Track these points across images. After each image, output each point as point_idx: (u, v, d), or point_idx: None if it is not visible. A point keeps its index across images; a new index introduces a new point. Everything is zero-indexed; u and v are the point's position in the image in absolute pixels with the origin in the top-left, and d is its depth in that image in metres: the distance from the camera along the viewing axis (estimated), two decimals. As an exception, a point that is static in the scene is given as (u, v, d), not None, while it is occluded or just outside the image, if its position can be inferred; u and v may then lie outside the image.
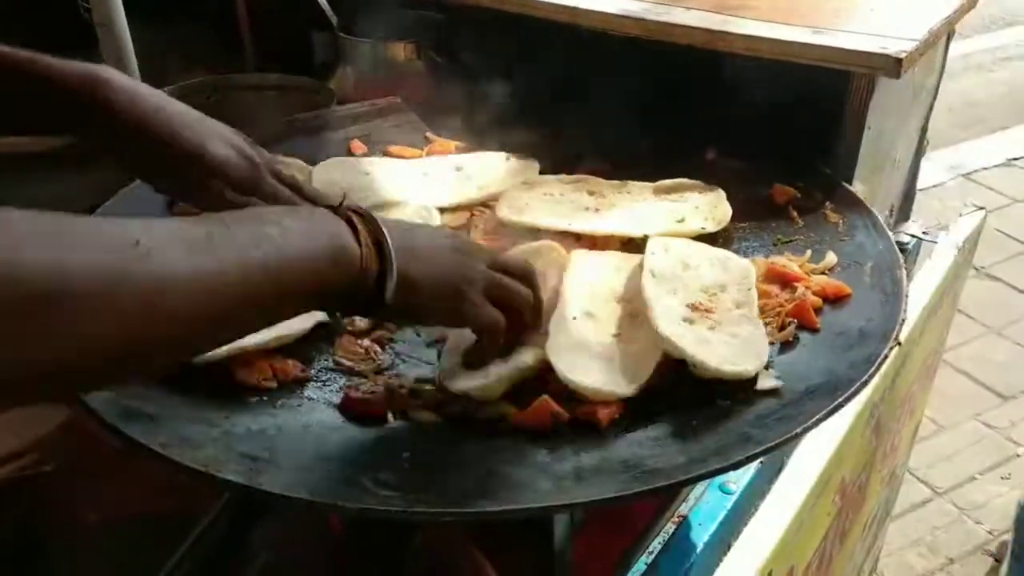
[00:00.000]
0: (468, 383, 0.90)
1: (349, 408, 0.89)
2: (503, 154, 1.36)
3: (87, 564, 0.97)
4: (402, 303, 0.78)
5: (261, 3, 1.87)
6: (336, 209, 0.77)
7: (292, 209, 0.76)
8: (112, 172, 1.47)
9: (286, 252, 0.69)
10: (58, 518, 1.02)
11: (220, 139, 0.97)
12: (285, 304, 0.72)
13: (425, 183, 1.30)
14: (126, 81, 0.92)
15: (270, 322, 0.74)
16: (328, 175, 1.29)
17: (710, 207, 1.21)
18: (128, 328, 0.58)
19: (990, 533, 2.57)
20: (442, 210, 1.24)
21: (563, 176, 1.30)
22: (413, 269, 0.79)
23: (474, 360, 0.92)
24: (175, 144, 0.93)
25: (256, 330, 0.74)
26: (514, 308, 0.90)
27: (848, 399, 0.85)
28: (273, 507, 0.97)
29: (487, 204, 1.26)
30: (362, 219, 0.77)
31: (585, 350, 0.94)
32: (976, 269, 3.51)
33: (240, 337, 0.74)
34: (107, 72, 0.91)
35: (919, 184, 1.73)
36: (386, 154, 1.39)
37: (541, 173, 1.32)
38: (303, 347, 0.98)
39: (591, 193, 1.26)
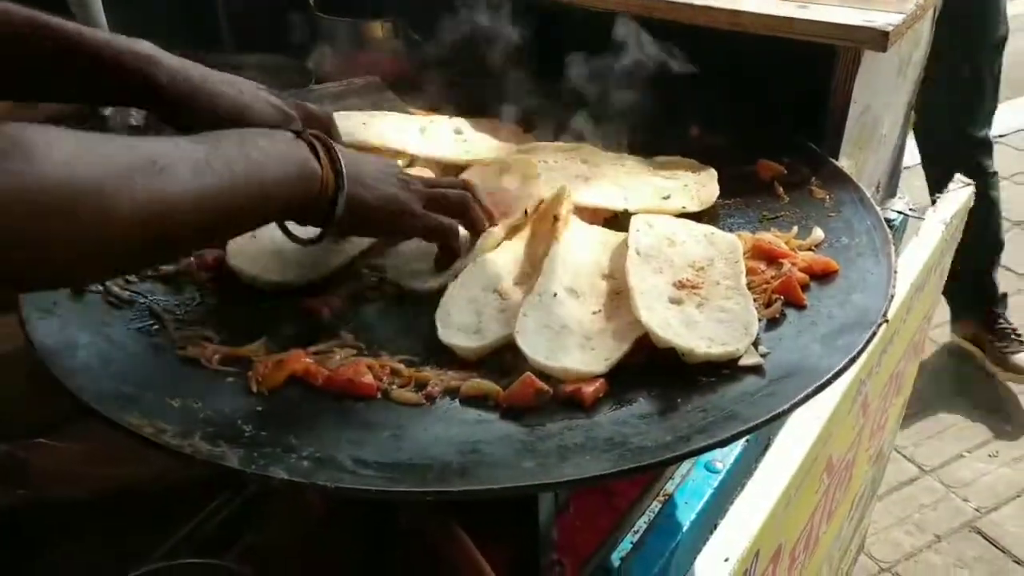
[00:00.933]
0: (459, 339, 0.93)
1: (332, 387, 0.87)
2: (506, 123, 1.37)
3: (77, 546, 0.97)
4: (351, 217, 0.92)
5: (237, -20, 1.84)
6: (301, 135, 0.90)
7: (266, 133, 0.89)
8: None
9: (266, 172, 0.83)
10: (55, 497, 1.01)
11: (258, 100, 1.04)
12: (261, 214, 0.86)
13: (421, 139, 1.31)
14: (171, 58, 0.99)
15: (248, 227, 0.88)
16: None
17: (698, 186, 1.20)
18: (145, 231, 0.71)
19: (977, 511, 2.58)
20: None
21: (560, 144, 1.30)
22: (360, 190, 0.93)
23: (441, 264, 1.05)
24: (220, 112, 1.00)
25: (236, 234, 0.91)
26: (455, 211, 1.04)
27: (835, 377, 0.84)
28: (253, 486, 0.96)
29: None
30: (323, 146, 0.90)
31: (559, 331, 0.92)
32: (962, 247, 3.51)
33: (227, 238, 0.99)
34: (153, 50, 0.98)
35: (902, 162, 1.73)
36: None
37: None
38: (279, 326, 0.97)
39: (585, 162, 1.26)
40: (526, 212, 1.11)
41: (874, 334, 0.89)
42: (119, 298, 0.97)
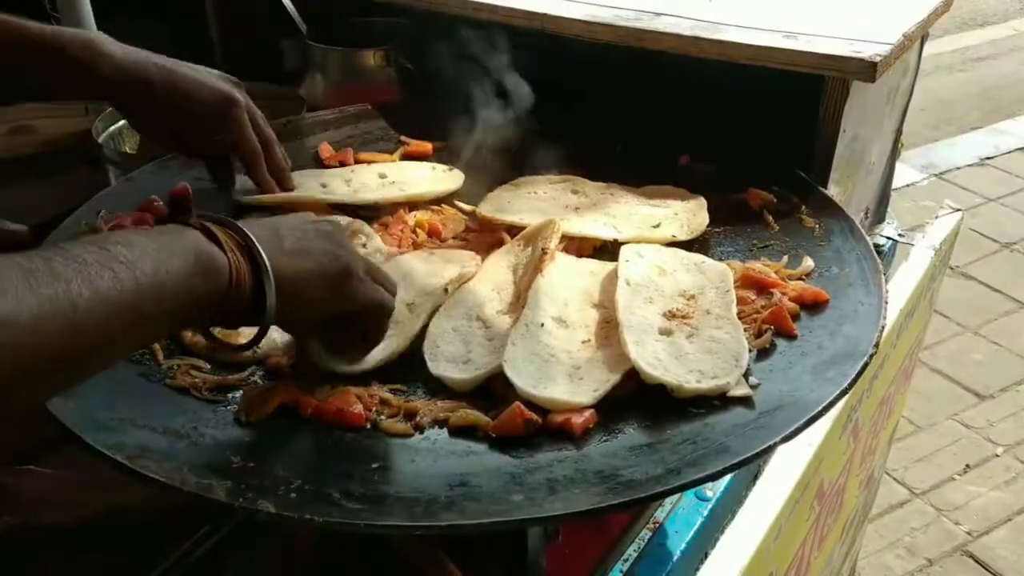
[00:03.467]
0: (449, 371, 0.92)
1: (323, 417, 0.87)
2: (428, 164, 1.36)
3: (65, 573, 0.96)
4: (288, 302, 0.76)
5: (230, 10, 1.85)
6: (188, 222, 0.74)
7: (143, 231, 0.72)
8: (80, 176, 1.47)
9: (143, 273, 0.65)
10: (42, 523, 1.00)
11: (218, 79, 1.08)
12: (156, 324, 0.69)
13: (349, 188, 1.28)
14: (119, 47, 0.97)
15: (144, 343, 0.74)
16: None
17: (688, 215, 1.20)
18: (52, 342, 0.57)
19: (969, 534, 2.58)
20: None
21: (551, 176, 1.30)
22: (288, 266, 0.77)
23: (366, 346, 0.91)
24: (178, 90, 1.00)
25: (130, 350, 0.74)
26: (388, 287, 0.89)
27: (825, 410, 0.83)
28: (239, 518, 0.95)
29: (459, 207, 1.27)
30: (220, 227, 0.74)
31: (547, 360, 0.92)
32: (951, 268, 3.53)
33: (112, 360, 0.69)
34: (98, 38, 0.95)
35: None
36: (356, 160, 1.37)
37: (523, 176, 1.31)
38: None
39: (575, 192, 1.26)
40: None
41: (865, 366, 0.89)
42: None
